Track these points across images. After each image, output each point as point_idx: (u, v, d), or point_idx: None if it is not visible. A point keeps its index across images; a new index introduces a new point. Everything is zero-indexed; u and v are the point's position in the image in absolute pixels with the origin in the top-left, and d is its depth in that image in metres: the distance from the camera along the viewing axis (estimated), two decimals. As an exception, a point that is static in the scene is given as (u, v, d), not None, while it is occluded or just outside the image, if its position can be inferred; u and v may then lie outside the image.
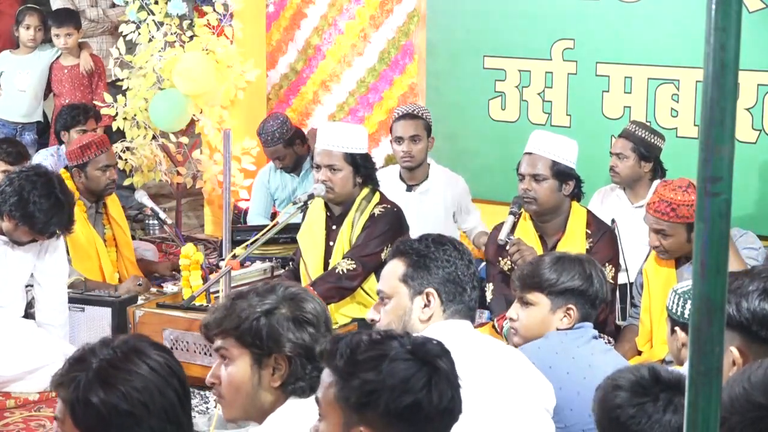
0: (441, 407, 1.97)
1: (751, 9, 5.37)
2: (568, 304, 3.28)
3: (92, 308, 4.85)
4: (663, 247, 4.18)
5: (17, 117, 7.19)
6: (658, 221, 4.17)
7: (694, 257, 1.32)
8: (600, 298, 3.34)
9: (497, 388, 2.75)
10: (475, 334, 2.93)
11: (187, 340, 4.41)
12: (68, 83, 7.13)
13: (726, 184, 1.29)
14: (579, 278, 3.29)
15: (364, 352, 1.98)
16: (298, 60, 7.18)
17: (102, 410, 1.91)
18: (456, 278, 2.87)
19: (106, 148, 5.46)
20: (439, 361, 2.01)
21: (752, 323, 2.32)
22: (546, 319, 3.30)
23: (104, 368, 1.94)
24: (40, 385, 4.54)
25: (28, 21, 7.13)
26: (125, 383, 1.93)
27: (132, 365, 1.95)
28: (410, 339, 2.05)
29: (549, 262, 3.34)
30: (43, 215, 4.46)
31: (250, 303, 2.45)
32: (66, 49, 7.07)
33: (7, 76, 7.15)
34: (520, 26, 6.22)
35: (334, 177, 4.77)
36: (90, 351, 1.99)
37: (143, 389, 1.93)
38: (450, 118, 6.45)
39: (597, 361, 3.16)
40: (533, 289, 3.32)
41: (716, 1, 1.27)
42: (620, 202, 5.35)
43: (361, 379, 1.96)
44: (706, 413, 1.31)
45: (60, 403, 1.97)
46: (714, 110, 1.28)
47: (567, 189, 4.51)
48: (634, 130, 5.31)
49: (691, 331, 1.32)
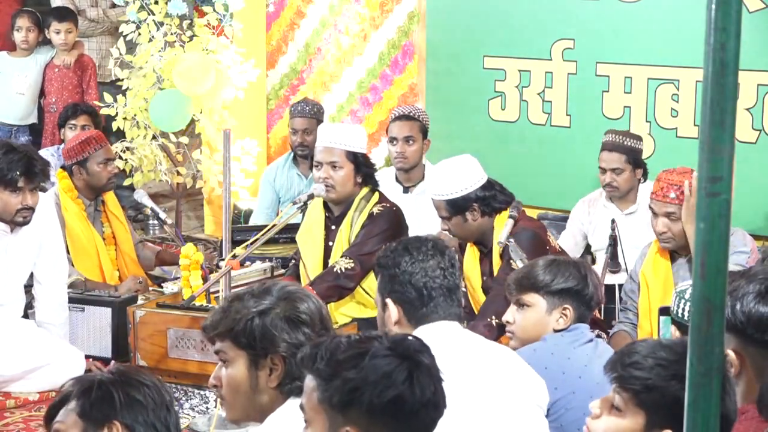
0: (424, 400, 1.97)
1: (751, 9, 5.37)
2: (564, 305, 3.29)
3: (92, 308, 4.85)
4: (671, 232, 4.16)
5: (11, 119, 7.21)
6: (666, 205, 4.16)
7: (693, 257, 1.32)
8: (595, 300, 3.36)
9: (489, 385, 2.76)
10: (465, 333, 2.93)
11: (194, 338, 4.40)
12: (57, 82, 7.14)
13: (726, 184, 1.29)
14: (574, 279, 3.29)
15: (343, 352, 1.99)
16: (298, 60, 7.18)
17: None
18: (418, 284, 2.86)
19: (104, 142, 5.47)
20: (420, 355, 2.01)
21: (747, 326, 2.31)
22: (542, 320, 3.30)
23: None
24: (40, 385, 4.53)
25: (20, 23, 7.17)
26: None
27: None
28: (389, 337, 2.06)
29: (543, 265, 3.35)
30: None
31: (245, 304, 2.46)
32: (64, 45, 7.09)
33: (4, 78, 7.17)
34: (520, 26, 6.22)
35: (335, 174, 4.76)
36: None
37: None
38: (450, 118, 6.45)
39: (593, 361, 3.16)
40: (529, 291, 3.33)
41: (716, 1, 1.27)
42: (608, 211, 5.26)
43: (342, 378, 1.96)
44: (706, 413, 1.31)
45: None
46: (714, 110, 1.28)
47: (474, 215, 4.42)
48: (622, 141, 5.19)
49: (691, 332, 1.32)
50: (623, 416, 2.11)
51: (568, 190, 5.86)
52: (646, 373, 2.08)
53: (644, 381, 2.08)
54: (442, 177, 4.46)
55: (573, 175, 5.98)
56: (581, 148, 6.01)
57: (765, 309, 2.30)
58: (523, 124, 6.25)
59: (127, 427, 2.18)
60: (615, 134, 5.28)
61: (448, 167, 4.47)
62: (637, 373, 2.09)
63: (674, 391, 2.04)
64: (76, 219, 5.28)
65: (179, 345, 4.42)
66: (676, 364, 2.07)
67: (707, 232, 1.29)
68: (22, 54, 7.21)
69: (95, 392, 2.19)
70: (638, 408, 2.09)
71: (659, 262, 4.29)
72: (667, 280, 4.23)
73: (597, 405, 2.18)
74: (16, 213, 4.48)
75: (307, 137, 6.19)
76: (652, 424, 2.07)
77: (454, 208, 4.39)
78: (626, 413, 2.10)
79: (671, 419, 2.04)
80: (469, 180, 4.41)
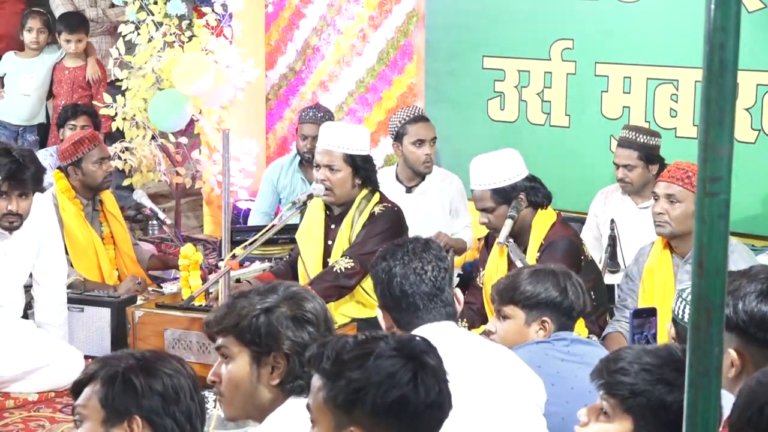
0: (429, 401, 1.97)
1: (750, 9, 5.37)
2: (543, 317, 3.26)
3: (91, 308, 4.85)
4: (669, 215, 4.13)
5: (19, 120, 7.21)
6: (669, 185, 4.14)
7: (693, 257, 1.32)
8: (577, 310, 3.31)
9: (487, 385, 2.76)
10: (461, 333, 2.94)
11: (190, 340, 4.40)
12: (67, 84, 7.16)
13: (725, 184, 1.29)
14: (553, 290, 3.26)
15: (349, 352, 1.99)
16: (297, 60, 7.18)
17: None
18: (395, 292, 2.87)
19: (98, 141, 5.47)
20: (425, 356, 2.01)
21: (749, 325, 2.31)
22: (521, 332, 3.29)
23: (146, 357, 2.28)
24: (40, 385, 4.54)
25: (31, 24, 7.19)
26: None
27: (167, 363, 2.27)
28: (396, 337, 2.05)
29: (526, 275, 3.33)
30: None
31: (250, 301, 2.47)
32: (75, 54, 7.13)
33: (10, 78, 7.17)
34: (519, 26, 6.22)
35: (332, 177, 4.76)
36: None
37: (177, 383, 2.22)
38: (449, 118, 6.45)
39: (567, 366, 3.14)
40: (509, 303, 3.31)
41: (715, 1, 1.27)
42: (624, 204, 5.28)
43: (346, 378, 1.96)
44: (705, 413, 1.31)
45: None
46: (713, 110, 1.28)
47: (521, 205, 4.45)
48: (635, 137, 5.20)
49: (690, 331, 1.32)
50: (611, 422, 2.13)
51: (568, 190, 5.85)
52: (632, 378, 2.11)
53: (631, 386, 2.10)
54: (488, 167, 4.48)
55: (572, 174, 5.98)
56: (580, 148, 6.01)
57: (767, 308, 2.31)
58: (523, 124, 6.25)
59: (146, 420, 2.20)
60: (629, 130, 5.29)
61: (493, 158, 4.51)
62: (624, 378, 2.11)
63: (660, 395, 2.07)
64: (74, 219, 5.28)
65: (176, 346, 4.41)
66: (660, 369, 2.10)
67: (706, 232, 1.29)
68: (30, 54, 7.22)
69: (118, 383, 2.22)
70: (626, 413, 2.11)
71: (662, 262, 4.26)
72: (668, 278, 4.21)
73: (584, 413, 2.19)
74: (1, 218, 4.47)
75: (316, 143, 6.18)
76: (639, 428, 2.09)
77: (502, 197, 4.42)
78: (614, 419, 2.12)
79: (658, 423, 2.07)
80: (516, 170, 4.47)
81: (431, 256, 2.93)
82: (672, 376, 2.08)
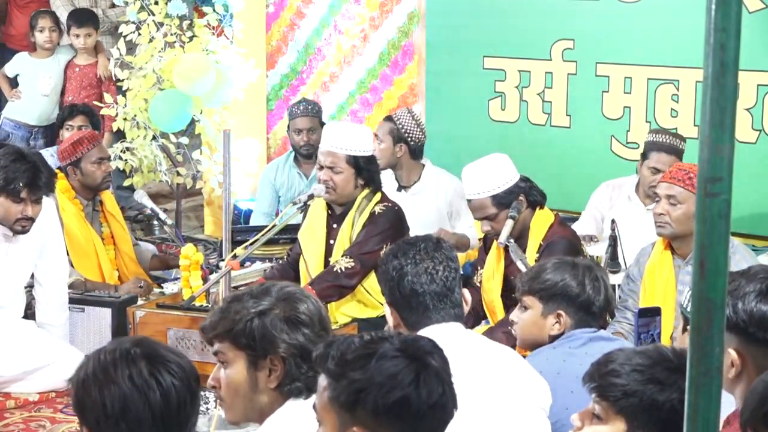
0: (431, 402, 1.97)
1: (751, 9, 5.37)
2: (558, 310, 3.25)
3: (92, 309, 4.85)
4: (669, 216, 4.12)
5: (34, 120, 7.21)
6: (671, 186, 4.13)
7: (693, 258, 1.32)
8: (597, 305, 3.27)
9: (492, 387, 2.75)
10: (468, 334, 2.92)
11: (193, 339, 4.40)
12: (76, 82, 7.16)
13: (726, 184, 1.29)
14: (570, 282, 3.24)
15: (353, 353, 2.00)
16: (298, 60, 7.18)
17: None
18: (405, 290, 2.86)
19: (97, 141, 5.47)
20: (429, 357, 2.01)
21: (749, 325, 2.31)
22: (539, 323, 3.28)
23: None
24: (40, 385, 4.54)
25: (42, 23, 7.18)
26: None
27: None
28: (401, 338, 2.05)
29: (549, 266, 3.31)
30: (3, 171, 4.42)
31: (244, 305, 2.44)
32: (84, 49, 7.12)
33: (25, 78, 7.18)
34: (519, 26, 6.22)
35: (335, 178, 4.76)
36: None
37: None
38: (449, 119, 6.45)
39: (567, 366, 3.12)
40: (528, 293, 3.31)
41: (716, 1, 1.27)
42: (632, 204, 5.23)
43: (349, 378, 1.97)
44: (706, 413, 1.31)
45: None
46: (714, 110, 1.28)
47: (521, 207, 4.45)
48: (678, 144, 5.04)
49: (691, 332, 1.32)
50: (604, 424, 2.13)
51: (569, 190, 5.86)
52: (623, 379, 2.11)
53: (622, 387, 2.10)
54: (483, 174, 4.47)
55: (573, 175, 5.98)
56: (581, 149, 6.02)
57: (767, 308, 2.31)
58: (523, 125, 6.25)
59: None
60: (672, 137, 5.11)
61: (485, 165, 4.50)
62: (615, 380, 2.12)
63: (651, 395, 2.07)
64: (74, 219, 5.27)
65: (179, 345, 4.42)
66: (651, 368, 2.10)
67: (707, 233, 1.29)
68: (45, 55, 7.22)
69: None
70: (618, 415, 2.11)
71: (663, 263, 4.26)
72: (670, 279, 4.20)
73: (577, 418, 2.20)
74: (15, 222, 4.48)
75: (312, 136, 6.20)
76: (632, 429, 2.09)
77: (502, 202, 4.41)
78: (607, 421, 2.12)
79: (651, 423, 2.07)
80: (510, 173, 4.47)
81: (442, 255, 2.91)
82: (663, 375, 2.08)
